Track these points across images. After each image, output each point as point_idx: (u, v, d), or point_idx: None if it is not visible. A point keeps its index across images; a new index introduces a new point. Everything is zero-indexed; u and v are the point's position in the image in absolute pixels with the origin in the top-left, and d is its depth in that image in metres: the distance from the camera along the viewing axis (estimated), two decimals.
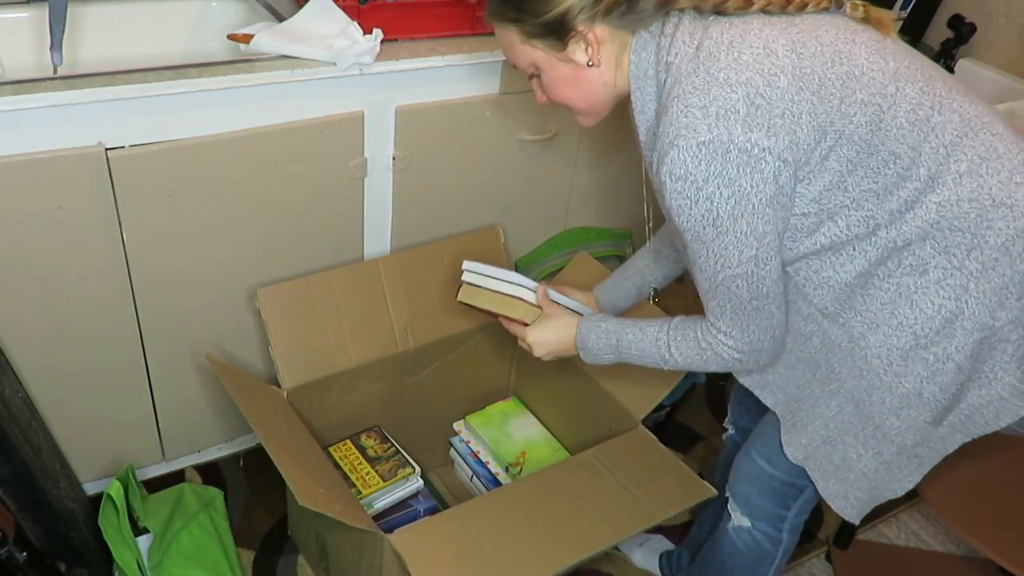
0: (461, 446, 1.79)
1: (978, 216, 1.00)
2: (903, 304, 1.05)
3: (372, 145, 1.56)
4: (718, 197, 0.97)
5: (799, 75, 0.97)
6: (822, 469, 1.21)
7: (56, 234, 1.34)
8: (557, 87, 1.14)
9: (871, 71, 1.00)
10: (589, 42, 1.07)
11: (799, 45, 0.99)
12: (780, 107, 0.96)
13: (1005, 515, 1.40)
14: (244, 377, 1.51)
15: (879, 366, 1.08)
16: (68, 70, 1.29)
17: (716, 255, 1.02)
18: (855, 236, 1.03)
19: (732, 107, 0.95)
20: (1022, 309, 1.02)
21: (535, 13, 1.06)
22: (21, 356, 1.43)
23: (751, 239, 1.00)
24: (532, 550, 1.29)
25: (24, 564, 1.35)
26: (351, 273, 1.61)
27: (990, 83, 2.21)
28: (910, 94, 1.01)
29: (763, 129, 0.95)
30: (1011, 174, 1.00)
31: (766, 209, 0.98)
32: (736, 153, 0.95)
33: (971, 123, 1.01)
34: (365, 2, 1.46)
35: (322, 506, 1.20)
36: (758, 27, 1.01)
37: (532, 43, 1.10)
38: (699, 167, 0.96)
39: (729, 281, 1.04)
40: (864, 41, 1.03)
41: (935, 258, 1.02)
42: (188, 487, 1.66)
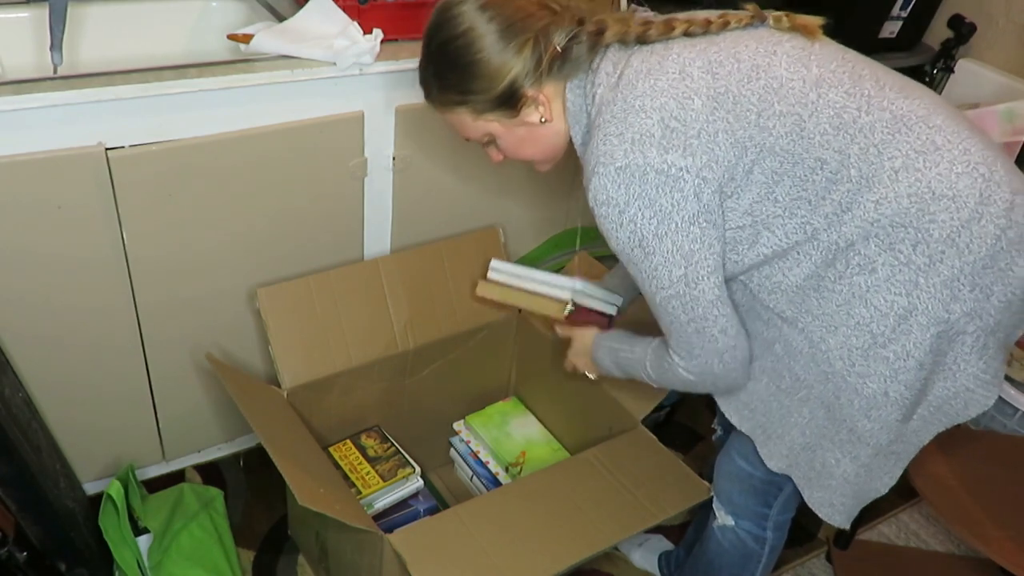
0: (461, 446, 1.79)
1: (919, 210, 1.00)
2: (857, 304, 1.05)
3: (372, 145, 1.56)
4: (640, 219, 1.01)
5: (713, 95, 1.00)
6: (805, 476, 1.22)
7: (56, 234, 1.34)
8: (516, 149, 1.18)
9: (791, 81, 1.02)
10: (540, 102, 1.11)
11: (715, 65, 1.02)
12: (695, 127, 0.99)
13: (1005, 515, 1.40)
14: (244, 377, 1.51)
15: (842, 368, 1.08)
16: (68, 70, 1.29)
17: (649, 276, 1.06)
18: (795, 242, 1.05)
19: (647, 132, 0.99)
20: (976, 300, 1.02)
21: (482, 91, 1.09)
22: (21, 356, 1.43)
23: (678, 258, 1.03)
24: (532, 550, 1.29)
25: (24, 564, 1.35)
26: (351, 273, 1.61)
27: (990, 83, 2.21)
28: (834, 99, 1.01)
29: (679, 150, 0.98)
30: (951, 165, 1.00)
31: (690, 227, 1.01)
32: (654, 175, 0.99)
33: (904, 119, 1.01)
34: (365, 2, 1.46)
35: (322, 506, 1.20)
36: (677, 52, 1.04)
37: (484, 117, 1.13)
38: (619, 191, 1.00)
39: (665, 303, 1.08)
40: (786, 51, 1.04)
41: (881, 255, 1.02)
42: (188, 487, 1.66)
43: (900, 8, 2.23)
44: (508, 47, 1.06)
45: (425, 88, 1.17)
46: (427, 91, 1.17)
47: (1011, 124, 2.02)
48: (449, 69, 1.11)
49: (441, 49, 1.11)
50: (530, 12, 1.07)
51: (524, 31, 1.06)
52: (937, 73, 2.30)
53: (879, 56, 2.40)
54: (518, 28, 1.06)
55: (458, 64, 1.09)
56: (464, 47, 1.08)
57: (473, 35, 1.07)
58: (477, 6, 1.07)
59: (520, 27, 1.06)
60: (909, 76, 1.14)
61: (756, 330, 1.15)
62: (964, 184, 0.99)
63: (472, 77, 1.09)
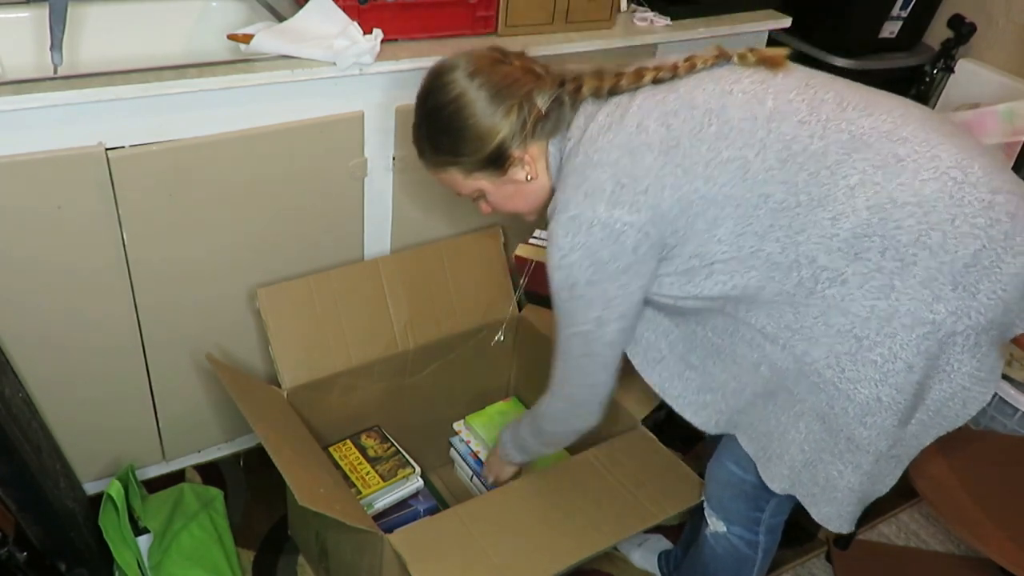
0: (461, 446, 1.79)
1: (881, 220, 1.01)
2: (834, 313, 1.06)
3: (372, 145, 1.56)
4: (578, 266, 1.09)
5: (665, 149, 1.06)
6: (810, 494, 1.22)
7: (56, 234, 1.34)
8: (505, 203, 1.25)
9: (742, 121, 1.06)
10: (526, 162, 1.18)
11: (670, 116, 1.08)
12: (644, 183, 1.05)
13: (1005, 515, 1.40)
14: (244, 377, 1.51)
15: (832, 375, 1.09)
16: (68, 70, 1.29)
17: (567, 314, 1.15)
18: (751, 268, 1.07)
19: (600, 187, 1.07)
20: (961, 299, 1.02)
21: (472, 153, 1.17)
22: (21, 356, 1.43)
23: (600, 301, 1.12)
24: (532, 550, 1.29)
25: (24, 564, 1.35)
26: (351, 273, 1.61)
27: (990, 83, 2.21)
28: (784, 131, 1.05)
29: (626, 206, 1.05)
30: (915, 174, 1.02)
31: (621, 276, 1.09)
32: (599, 228, 1.06)
33: (862, 137, 1.04)
34: (365, 2, 1.46)
35: (322, 506, 1.20)
36: (638, 104, 1.11)
37: (474, 176, 1.20)
38: (566, 238, 1.08)
39: (570, 338, 1.18)
40: (743, 88, 1.09)
41: (849, 266, 1.04)
42: (188, 487, 1.66)
43: (900, 8, 2.23)
44: (496, 112, 1.14)
45: (419, 149, 1.23)
46: (420, 152, 1.23)
47: (1011, 124, 2.02)
48: (441, 132, 1.18)
49: (433, 114, 1.18)
50: (516, 78, 1.15)
51: (510, 96, 1.14)
52: (937, 73, 2.30)
53: (879, 56, 2.41)
54: (505, 94, 1.13)
55: (450, 128, 1.16)
56: (455, 112, 1.15)
57: (463, 101, 1.14)
58: (467, 73, 1.14)
59: (507, 93, 1.14)
60: (909, 76, 1.14)
61: (741, 354, 1.17)
62: (931, 189, 1.01)
63: (463, 140, 1.16)
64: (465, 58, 1.16)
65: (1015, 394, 1.82)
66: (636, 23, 1.80)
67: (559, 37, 1.66)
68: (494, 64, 1.16)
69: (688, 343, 1.24)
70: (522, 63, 1.17)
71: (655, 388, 1.29)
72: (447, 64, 1.17)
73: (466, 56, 1.17)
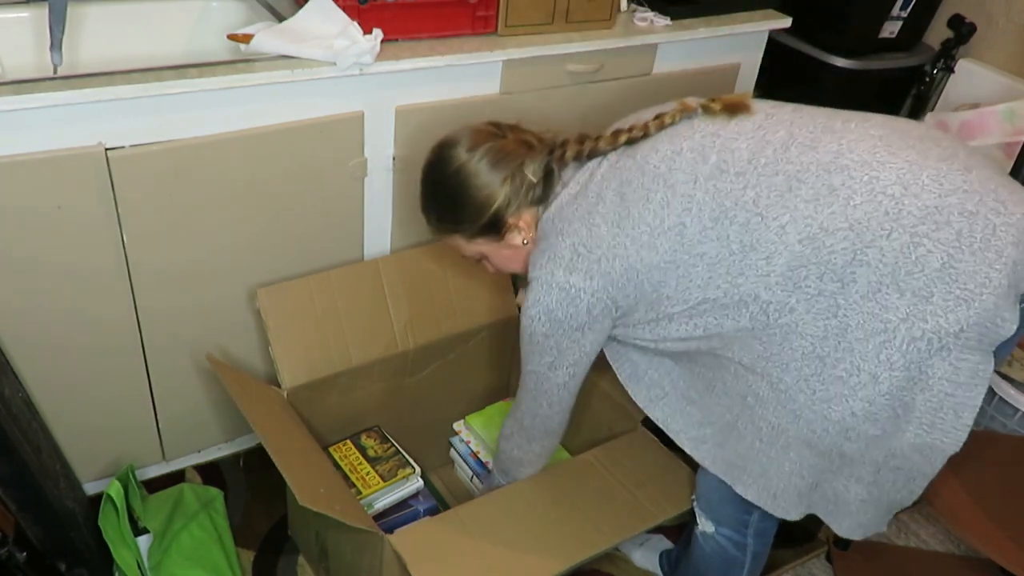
0: (461, 446, 1.79)
1: (814, 249, 1.05)
2: (793, 337, 1.10)
3: (372, 145, 1.56)
4: (536, 320, 1.22)
5: (618, 220, 1.16)
6: (827, 511, 1.24)
7: (56, 234, 1.34)
8: (505, 265, 1.36)
9: (684, 186, 1.13)
10: (520, 228, 1.27)
11: (625, 185, 1.18)
12: (598, 253, 1.16)
13: (1005, 515, 1.40)
14: (244, 377, 1.51)
15: (805, 400, 1.11)
16: (68, 70, 1.29)
17: (526, 353, 1.29)
18: (704, 311, 1.15)
19: (559, 254, 1.19)
20: (912, 304, 1.03)
21: (471, 221, 1.27)
22: (21, 356, 1.43)
23: (554, 352, 1.25)
24: (532, 550, 1.29)
25: (24, 564, 1.35)
26: (351, 273, 1.61)
27: (990, 83, 2.21)
28: (721, 187, 1.12)
29: (581, 273, 1.17)
30: (847, 200, 1.05)
31: (574, 332, 1.21)
32: (556, 290, 1.19)
33: (798, 175, 1.08)
34: (365, 2, 1.46)
35: (322, 506, 1.20)
36: (602, 172, 1.21)
37: (475, 241, 1.31)
38: (531, 295, 1.22)
39: (526, 375, 1.32)
40: (692, 147, 1.16)
41: (791, 296, 1.08)
42: (188, 487, 1.66)
43: (900, 8, 2.23)
44: (492, 182, 1.24)
45: (426, 217, 1.34)
46: (428, 219, 1.34)
47: (1011, 124, 2.02)
48: (444, 202, 1.29)
49: (437, 186, 1.29)
50: (510, 150, 1.25)
51: (505, 168, 1.24)
52: (937, 73, 2.30)
53: (879, 56, 2.41)
54: (500, 166, 1.24)
55: (450, 199, 1.27)
56: (456, 184, 1.25)
57: (464, 174, 1.25)
58: (467, 148, 1.25)
59: (502, 164, 1.24)
60: (909, 76, 1.16)
61: (728, 385, 1.20)
62: (862, 212, 1.04)
63: (463, 209, 1.26)
64: (466, 134, 1.27)
65: (1015, 394, 1.82)
66: (636, 23, 1.80)
67: (559, 37, 1.66)
68: (491, 138, 1.26)
69: (688, 379, 1.29)
70: (515, 136, 1.27)
71: (659, 424, 1.34)
72: (450, 139, 1.28)
73: (467, 132, 1.28)
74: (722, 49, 1.91)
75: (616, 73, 1.77)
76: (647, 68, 1.82)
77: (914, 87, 2.37)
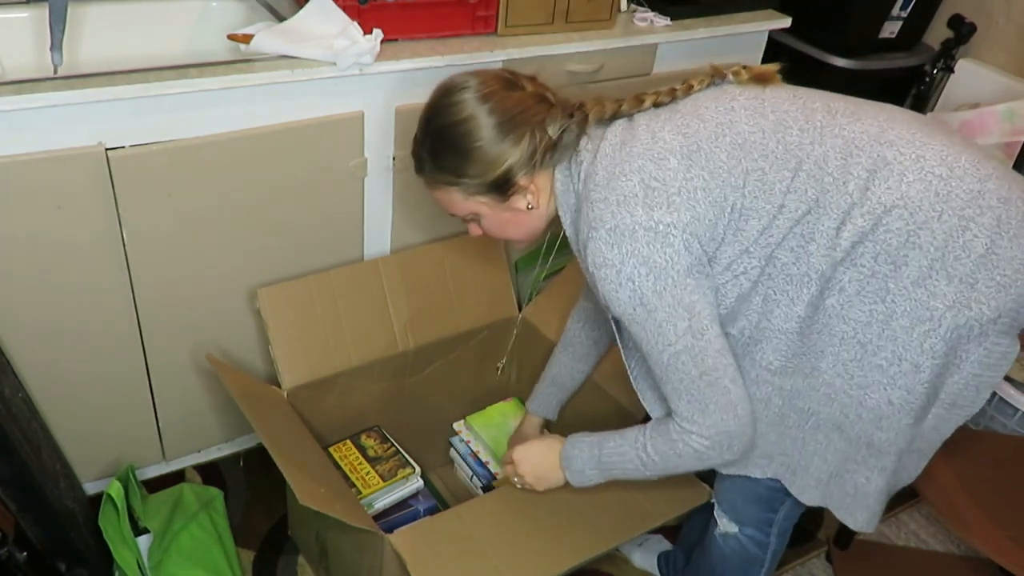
0: (461, 446, 1.79)
1: (873, 226, 1.03)
2: (836, 322, 1.08)
3: (372, 145, 1.56)
4: (638, 276, 1.03)
5: (687, 153, 1.06)
6: (843, 505, 1.22)
7: (56, 234, 1.34)
8: (499, 229, 1.22)
9: (752, 134, 1.07)
10: (530, 191, 1.16)
11: (683, 127, 1.08)
12: (675, 185, 1.04)
13: (1005, 515, 1.40)
14: (244, 377, 1.51)
15: (842, 384, 1.10)
16: (68, 70, 1.29)
17: (654, 334, 1.06)
18: (770, 276, 1.08)
19: (630, 193, 1.04)
20: (958, 292, 1.03)
21: (476, 176, 1.14)
22: (21, 356, 1.43)
23: (681, 311, 1.04)
24: (532, 551, 1.29)
25: (24, 564, 1.35)
26: (351, 273, 1.61)
27: (990, 83, 2.21)
28: (790, 140, 1.07)
29: (663, 207, 1.03)
30: (900, 177, 1.03)
31: (687, 279, 1.04)
32: (643, 232, 1.02)
33: (855, 141, 1.05)
34: (365, 2, 1.46)
35: (322, 506, 1.20)
36: (645, 122, 1.11)
37: (474, 199, 1.17)
38: (613, 251, 1.04)
39: (675, 359, 1.07)
40: (743, 104, 1.10)
41: (846, 274, 1.06)
42: (188, 487, 1.66)
43: (900, 8, 2.23)
44: (507, 138, 1.12)
45: (417, 162, 1.20)
46: (419, 166, 1.20)
47: (1011, 124, 2.02)
48: (446, 151, 1.15)
49: (441, 132, 1.15)
50: (528, 106, 1.13)
51: (522, 124, 1.12)
52: (937, 73, 2.30)
53: (879, 56, 2.42)
54: (517, 121, 1.12)
55: (456, 149, 1.13)
56: (464, 134, 1.12)
57: (473, 124, 1.11)
58: (478, 96, 1.12)
59: (519, 120, 1.12)
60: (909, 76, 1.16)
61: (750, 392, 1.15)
62: (916, 191, 1.03)
63: (469, 162, 1.13)
64: (476, 78, 1.14)
65: (1015, 394, 1.82)
66: (636, 23, 1.80)
67: (559, 37, 1.66)
68: (506, 88, 1.13)
69: None
70: (534, 88, 1.15)
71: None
72: (457, 83, 1.14)
73: (477, 76, 1.14)
74: (722, 49, 1.91)
75: (616, 73, 1.77)
76: (647, 68, 1.82)
77: (914, 87, 2.37)
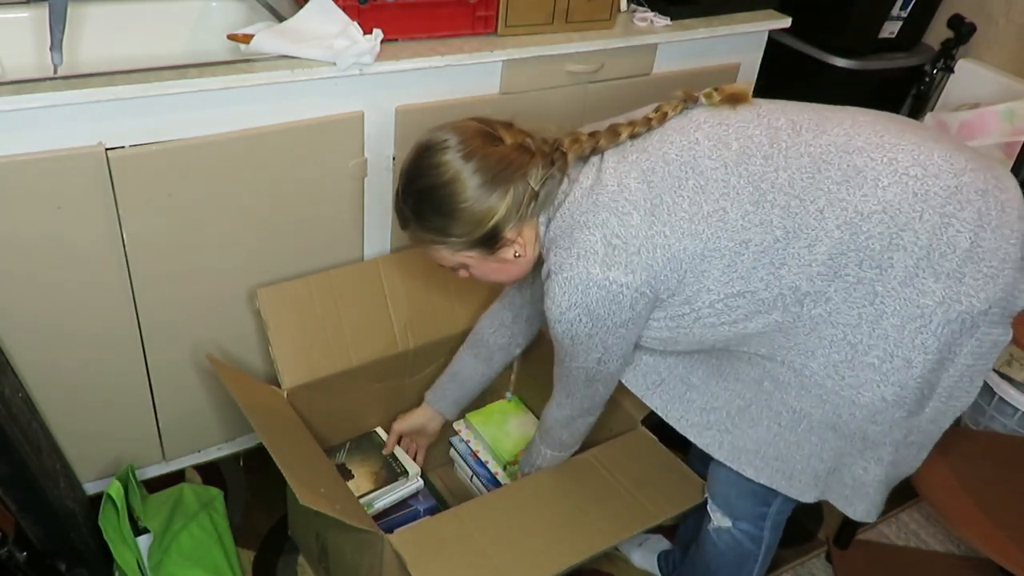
0: (461, 446, 1.79)
1: (852, 235, 1.04)
2: (824, 326, 1.08)
3: (372, 145, 1.56)
4: (577, 321, 1.11)
5: (650, 208, 1.08)
6: (842, 496, 1.23)
7: (56, 234, 1.34)
8: (488, 276, 1.25)
9: (715, 171, 1.08)
10: (518, 243, 1.18)
11: (649, 173, 1.10)
12: (635, 244, 1.07)
13: (1005, 515, 1.40)
14: (244, 377, 1.51)
15: (833, 385, 1.11)
16: (68, 70, 1.29)
17: (568, 354, 1.20)
18: (739, 306, 1.09)
19: (590, 248, 1.08)
20: (947, 288, 1.04)
21: (463, 235, 1.16)
22: (21, 356, 1.43)
23: (599, 348, 1.16)
24: (532, 550, 1.29)
25: (24, 564, 1.35)
26: (351, 273, 1.61)
27: (990, 83, 2.21)
28: (753, 171, 1.07)
29: (621, 267, 1.07)
30: (875, 182, 1.04)
31: (619, 329, 1.12)
32: (595, 289, 1.08)
33: (822, 156, 1.06)
34: (365, 2, 1.46)
35: (322, 506, 1.20)
36: (614, 164, 1.12)
37: (461, 254, 1.20)
38: (563, 297, 1.10)
39: (574, 370, 1.23)
40: (707, 135, 1.11)
41: (830, 285, 1.06)
42: (188, 487, 1.66)
43: (900, 8, 2.23)
44: (491, 195, 1.13)
45: (402, 219, 1.21)
46: (404, 223, 1.21)
47: (1011, 124, 2.02)
48: (431, 212, 1.16)
49: (424, 194, 1.15)
50: (511, 159, 1.13)
51: (507, 180, 1.13)
52: (937, 73, 2.30)
53: (879, 56, 2.41)
54: (501, 178, 1.13)
55: (441, 210, 1.15)
56: (449, 196, 1.13)
57: (458, 186, 1.12)
58: (461, 155, 1.13)
59: (503, 177, 1.13)
60: (909, 76, 1.16)
61: (740, 371, 1.19)
62: (892, 194, 1.03)
63: (455, 222, 1.15)
64: (456, 135, 1.15)
65: (1015, 394, 1.82)
66: (636, 23, 1.80)
67: (559, 37, 1.66)
68: (487, 143, 1.14)
69: (687, 364, 1.25)
70: (513, 139, 1.16)
71: (657, 412, 1.30)
72: (436, 141, 1.15)
73: (456, 133, 1.15)
74: (722, 49, 1.91)
75: (616, 73, 1.77)
76: (647, 68, 1.82)
77: (914, 87, 2.37)
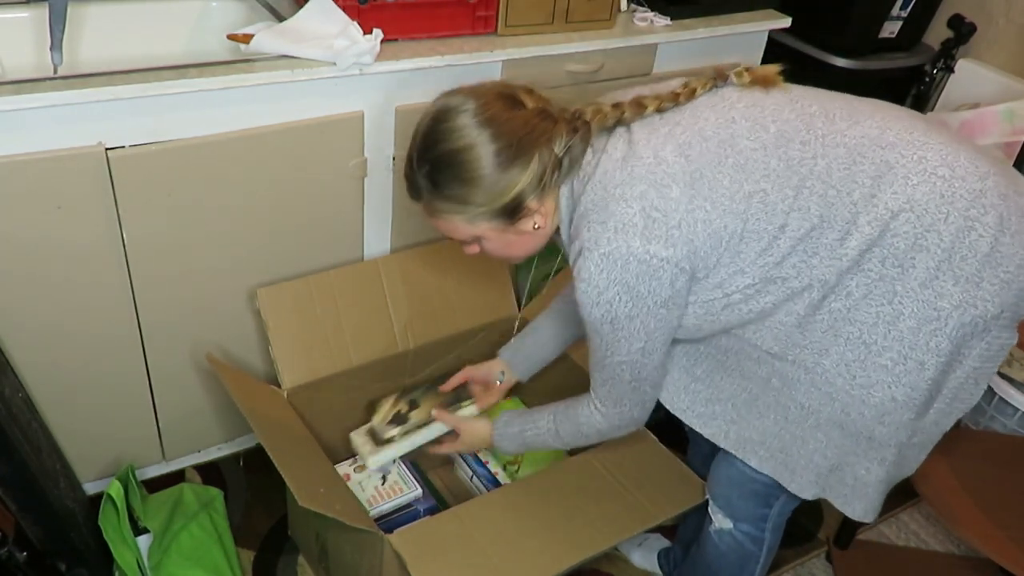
0: None
1: (880, 231, 1.03)
2: (841, 324, 1.08)
3: (372, 145, 1.56)
4: (617, 301, 1.05)
5: (690, 181, 1.03)
6: (841, 495, 1.23)
7: (56, 234, 1.34)
8: (502, 250, 1.17)
9: (754, 152, 1.05)
10: (539, 213, 1.12)
11: (685, 147, 1.05)
12: (676, 218, 1.02)
13: (1005, 515, 1.40)
14: (244, 377, 1.51)
15: (844, 384, 1.11)
16: (68, 70, 1.29)
17: (608, 345, 1.11)
18: (768, 292, 1.08)
19: (629, 221, 1.02)
20: (964, 292, 1.04)
21: (484, 204, 1.09)
22: (21, 356, 1.43)
23: (642, 334, 1.08)
24: (532, 550, 1.29)
25: (24, 564, 1.35)
26: (351, 273, 1.61)
27: (990, 83, 2.21)
28: (792, 156, 1.05)
29: (661, 240, 1.02)
30: (905, 180, 1.03)
31: (660, 310, 1.06)
32: (635, 263, 1.02)
33: (857, 148, 1.05)
34: (365, 2, 1.46)
35: (322, 506, 1.20)
36: (645, 136, 1.07)
37: (478, 224, 1.12)
38: (601, 275, 1.04)
39: (615, 365, 1.14)
40: (743, 115, 1.08)
41: (853, 279, 1.06)
42: (188, 487, 1.66)
43: (900, 8, 2.23)
44: (514, 165, 1.06)
45: (413, 189, 1.14)
46: (416, 193, 1.14)
47: (1011, 124, 2.02)
48: (450, 179, 1.08)
49: (442, 159, 1.08)
50: (533, 126, 1.07)
51: (530, 147, 1.06)
52: (937, 73, 2.30)
53: (879, 56, 2.41)
54: (525, 144, 1.06)
55: (460, 176, 1.07)
56: (469, 161, 1.06)
57: (477, 152, 1.05)
58: (478, 122, 1.06)
59: (526, 143, 1.06)
60: (909, 76, 1.16)
61: (748, 369, 1.18)
62: (921, 193, 1.03)
63: (475, 191, 1.08)
64: (474, 99, 1.07)
65: (1015, 394, 1.82)
66: (636, 23, 1.80)
67: (559, 37, 1.66)
68: (507, 108, 1.07)
69: (692, 356, 1.24)
70: (535, 105, 1.09)
71: (663, 402, 1.29)
72: (454, 107, 1.08)
73: (475, 97, 1.08)
74: (722, 49, 1.91)
75: (616, 73, 1.77)
76: (647, 68, 1.82)
77: (914, 87, 2.37)
